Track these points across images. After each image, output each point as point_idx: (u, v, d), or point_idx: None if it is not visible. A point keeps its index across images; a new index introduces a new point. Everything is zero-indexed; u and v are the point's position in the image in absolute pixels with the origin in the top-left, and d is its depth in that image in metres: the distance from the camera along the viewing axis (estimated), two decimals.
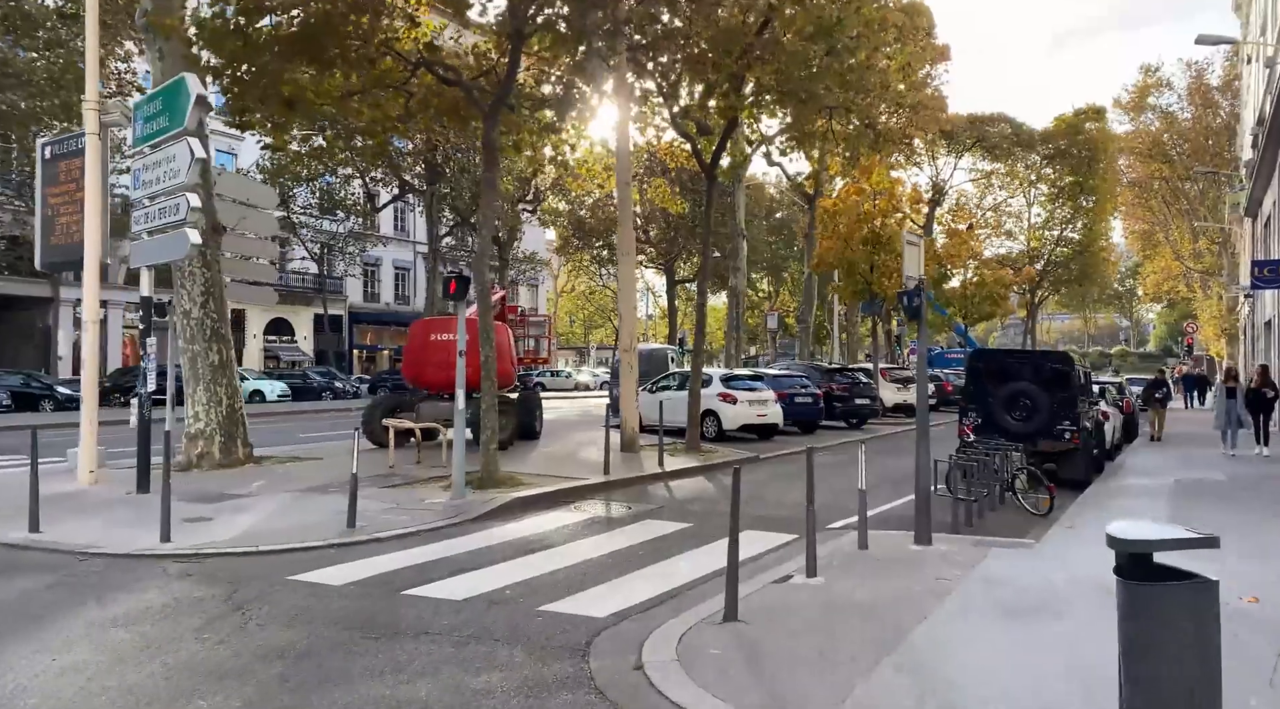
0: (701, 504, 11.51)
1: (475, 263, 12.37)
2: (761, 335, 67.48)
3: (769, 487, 13.32)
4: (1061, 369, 13.95)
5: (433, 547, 8.53)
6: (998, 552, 8.38)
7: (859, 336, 42.91)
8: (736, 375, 20.46)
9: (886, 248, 26.35)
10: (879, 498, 11.85)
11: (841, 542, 8.91)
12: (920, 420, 8.90)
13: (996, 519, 10.92)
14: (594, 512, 10.68)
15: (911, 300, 8.59)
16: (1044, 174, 46.04)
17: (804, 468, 7.89)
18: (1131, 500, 11.59)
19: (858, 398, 24.07)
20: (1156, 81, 59.16)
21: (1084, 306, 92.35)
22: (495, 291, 21.00)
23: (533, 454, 15.71)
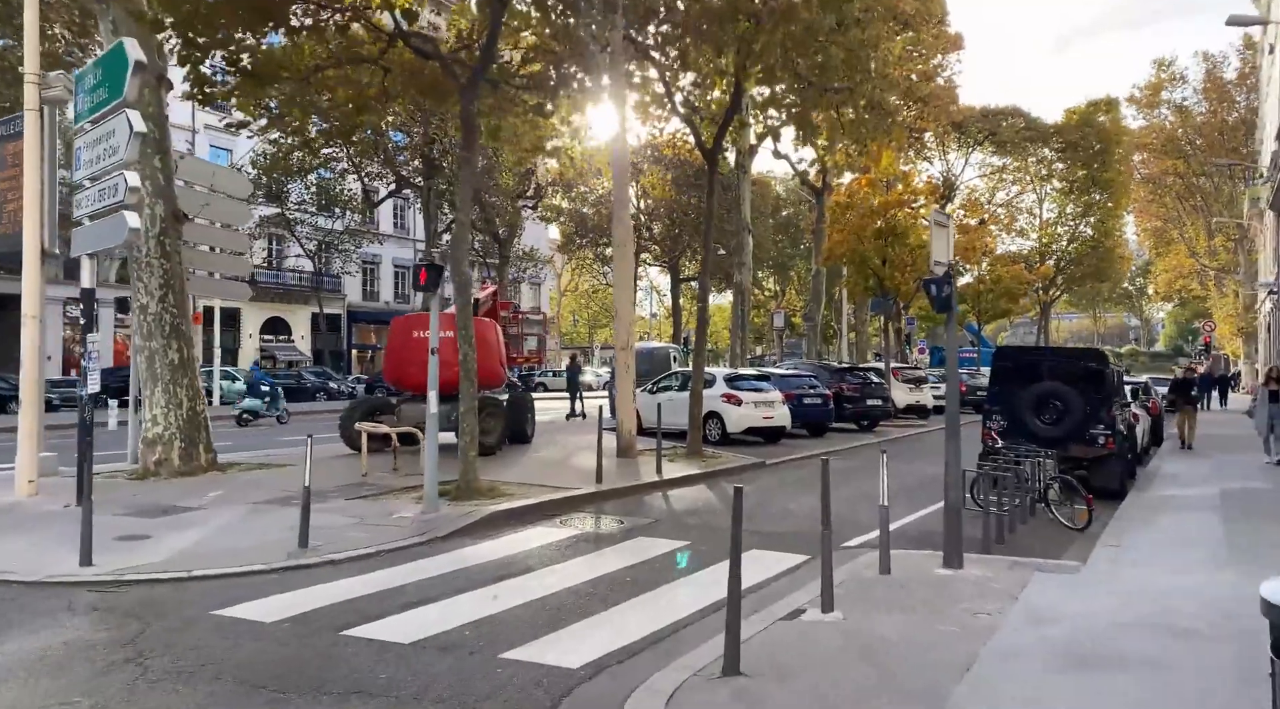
0: (701, 517, 10.43)
1: (452, 252, 11.31)
2: (768, 335, 66.39)
3: (776, 496, 12.24)
4: (1095, 368, 12.83)
5: (392, 571, 7.47)
6: (1040, 578, 7.28)
7: (868, 335, 41.75)
8: (741, 375, 19.37)
9: (900, 241, 25.23)
10: (897, 510, 10.75)
11: (860, 564, 7.83)
12: (950, 426, 7.81)
13: (1029, 534, 9.84)
14: (581, 527, 9.60)
15: (941, 289, 7.50)
16: (1055, 169, 44.80)
17: (815, 474, 6.91)
18: (1178, 515, 10.47)
19: (869, 399, 22.96)
20: (1171, 75, 57.95)
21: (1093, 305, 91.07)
22: (486, 287, 19.95)
23: (522, 460, 14.64)
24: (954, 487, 7.78)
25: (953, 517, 7.67)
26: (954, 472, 7.82)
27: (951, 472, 7.80)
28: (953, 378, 7.91)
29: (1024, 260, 41.83)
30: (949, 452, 7.80)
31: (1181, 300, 79.76)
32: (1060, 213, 44.67)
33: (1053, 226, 44.74)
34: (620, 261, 14.94)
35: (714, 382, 18.70)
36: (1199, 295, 68.24)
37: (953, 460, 7.80)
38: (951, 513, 7.68)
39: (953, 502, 7.72)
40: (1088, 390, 12.65)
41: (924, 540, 9.38)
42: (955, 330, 7.81)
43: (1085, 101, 40.79)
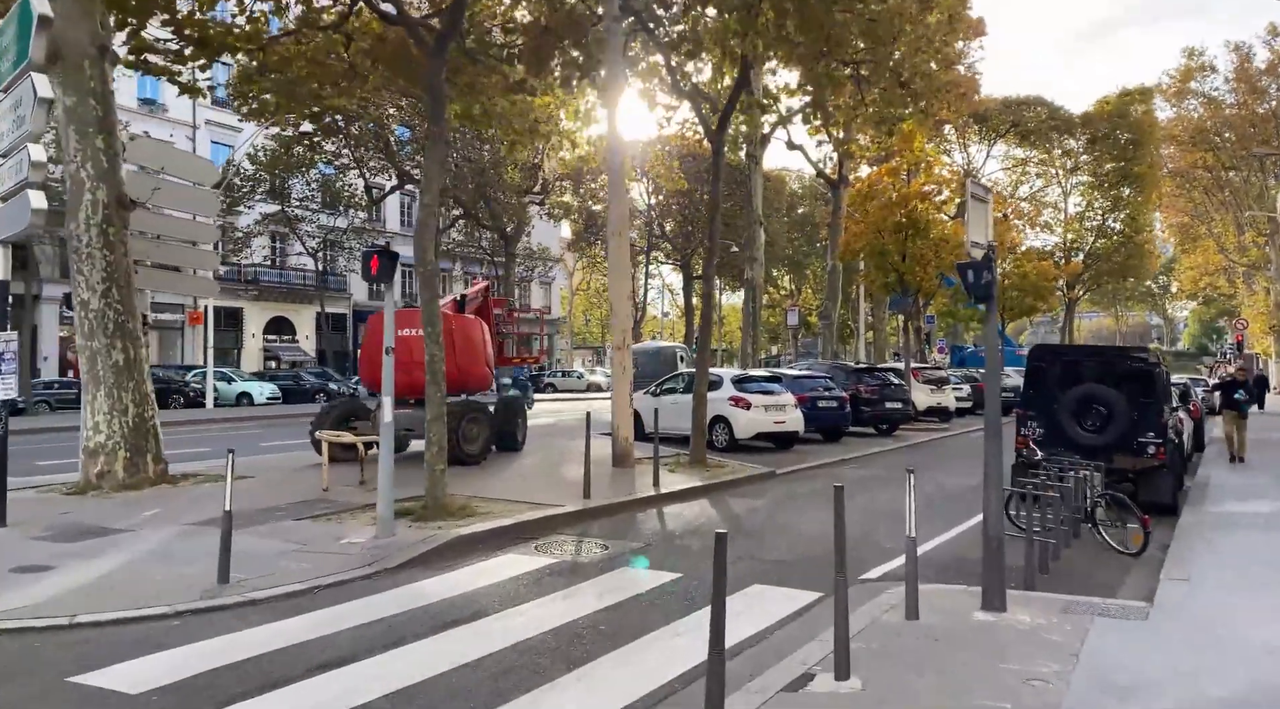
0: (699, 541, 9.14)
1: (416, 239, 10.09)
2: (783, 334, 64.96)
3: (786, 513, 10.94)
4: (1144, 368, 11.47)
5: (320, 615, 6.25)
6: (1103, 626, 5.97)
7: (886, 334, 40.28)
8: (751, 377, 18.05)
9: (922, 234, 23.85)
10: (922, 531, 9.46)
11: (882, 605, 6.53)
12: (991, 439, 6.49)
13: (1076, 561, 8.53)
14: (559, 554, 8.35)
15: (980, 275, 6.20)
16: (1082, 162, 43.16)
17: (829, 486, 5.66)
18: (1246, 538, 9.10)
19: (888, 401, 21.59)
20: (1200, 65, 56.13)
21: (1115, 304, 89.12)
22: (477, 282, 18.72)
23: (507, 470, 13.41)
24: (994, 513, 6.47)
25: (993, 549, 6.37)
26: (994, 494, 6.52)
27: (992, 494, 6.50)
28: (994, 379, 6.59)
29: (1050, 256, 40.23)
30: (989, 469, 6.50)
31: (1206, 299, 77.71)
32: (1088, 207, 42.98)
33: (1079, 221, 43.06)
34: (615, 250, 13.68)
35: (721, 383, 17.42)
36: (1226, 293, 66.32)
37: (993, 480, 6.50)
38: (992, 545, 6.37)
39: (994, 531, 6.42)
40: (1135, 394, 11.30)
41: (955, 569, 8.10)
42: (995, 322, 6.51)
43: (1119, 90, 39.06)
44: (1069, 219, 43.76)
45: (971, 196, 6.47)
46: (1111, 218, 41.35)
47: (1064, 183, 45.04)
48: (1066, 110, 40.89)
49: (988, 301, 6.29)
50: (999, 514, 6.49)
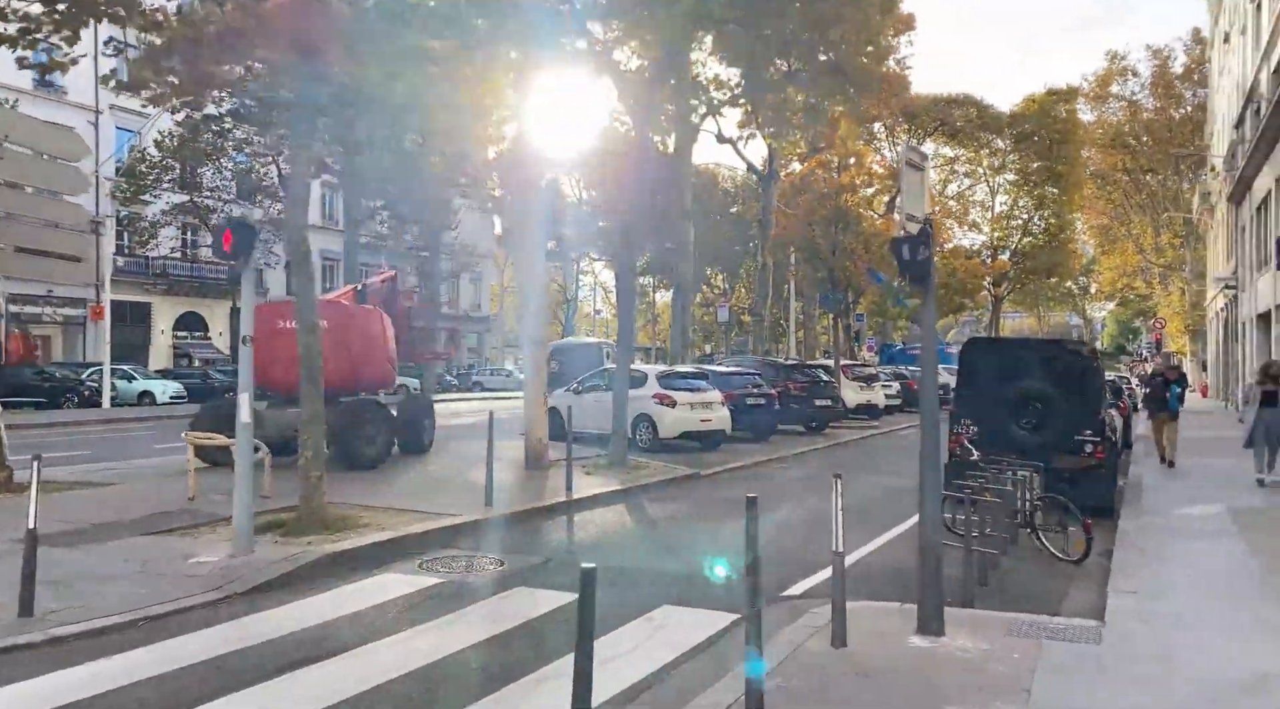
0: (609, 553, 8.24)
1: (288, 217, 8.97)
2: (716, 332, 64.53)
3: (706, 519, 10.11)
4: (1081, 362, 10.95)
5: (136, 656, 5.17)
6: (1053, 652, 5.25)
7: (816, 332, 40.00)
8: (676, 373, 17.23)
9: (851, 228, 23.38)
10: (850, 537, 8.72)
11: (805, 629, 5.72)
12: (927, 446, 5.72)
13: (1016, 570, 7.89)
14: (446, 572, 7.35)
15: (916, 252, 5.42)
16: (1009, 161, 43.58)
17: (758, 488, 4.86)
18: (1192, 544, 8.57)
19: (818, 398, 21.01)
20: (1121, 69, 57.45)
21: (1037, 304, 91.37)
22: (383, 272, 17.53)
23: (407, 475, 12.31)
24: (931, 524, 5.70)
25: (930, 566, 5.60)
26: (931, 503, 5.75)
27: (928, 503, 5.73)
28: (929, 373, 5.82)
29: (978, 254, 40.45)
30: (925, 473, 5.73)
31: (1123, 300, 79.93)
32: (1013, 205, 43.40)
33: (1006, 220, 43.45)
34: (525, 239, 12.68)
35: (645, 380, 16.56)
36: (1142, 294, 68.14)
37: (929, 486, 5.73)
38: (929, 560, 5.60)
39: (930, 544, 5.65)
40: (1073, 389, 10.78)
41: (887, 580, 7.36)
42: (933, 307, 5.73)
43: (1045, 90, 39.43)
44: (995, 218, 44.13)
45: (907, 164, 5.69)
46: (1037, 216, 41.77)
47: (991, 182, 45.43)
48: (995, 109, 41.13)
49: (924, 281, 5.51)
50: (936, 525, 5.73)
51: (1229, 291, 32.88)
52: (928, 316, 5.74)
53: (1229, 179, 33.07)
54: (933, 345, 5.80)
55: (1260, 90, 24.97)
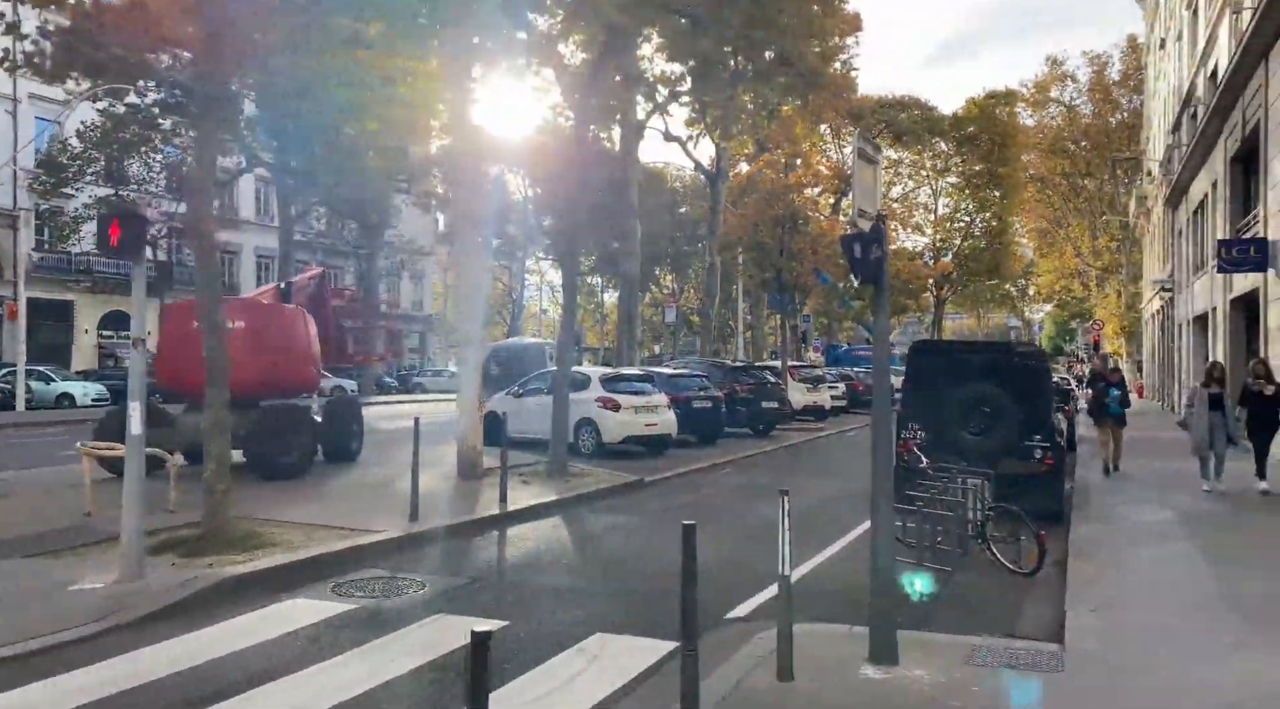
0: (540, 574, 7.69)
1: (189, 207, 8.26)
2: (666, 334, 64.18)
3: (650, 531, 9.61)
4: (1032, 365, 10.72)
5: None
6: (1016, 685, 4.85)
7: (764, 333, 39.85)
8: (621, 376, 16.72)
9: (800, 229, 23.13)
10: (800, 549, 8.31)
11: (749, 659, 5.27)
12: (879, 455, 5.30)
13: (968, 584, 7.53)
14: (361, 596, 6.74)
15: (868, 251, 5.00)
16: (952, 164, 43.99)
17: (704, 495, 4.67)
18: (1146, 551, 8.32)
19: (765, 400, 20.68)
20: (1060, 74, 58.53)
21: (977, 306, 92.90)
22: (310, 269, 16.74)
23: (330, 485, 11.60)
24: (884, 545, 5.28)
25: (883, 590, 5.18)
26: (884, 521, 5.33)
27: (881, 521, 5.30)
28: (881, 376, 5.40)
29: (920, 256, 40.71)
30: (878, 487, 5.31)
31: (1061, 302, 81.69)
32: (955, 208, 43.82)
33: (948, 222, 43.84)
34: (464, 235, 12.06)
35: (588, 383, 16.03)
36: (1079, 296, 69.60)
37: (882, 503, 5.31)
38: (882, 584, 5.18)
39: (884, 565, 5.22)
40: (1023, 393, 10.53)
41: (836, 598, 6.95)
42: (887, 309, 5.31)
43: (985, 92, 39.84)
44: (938, 220, 44.50)
45: (859, 156, 5.26)
46: (979, 219, 42.20)
47: (934, 184, 45.82)
48: (939, 111, 41.44)
49: (876, 281, 5.09)
50: (889, 546, 5.31)
51: (1165, 294, 33.48)
52: (880, 319, 5.32)
53: (1165, 183, 33.70)
54: (885, 349, 5.38)
55: (1197, 95, 25.35)
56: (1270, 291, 15.72)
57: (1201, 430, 11.35)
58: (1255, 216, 17.43)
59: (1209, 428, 11.29)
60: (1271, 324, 15.65)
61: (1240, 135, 18.23)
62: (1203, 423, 11.32)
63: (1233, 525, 9.43)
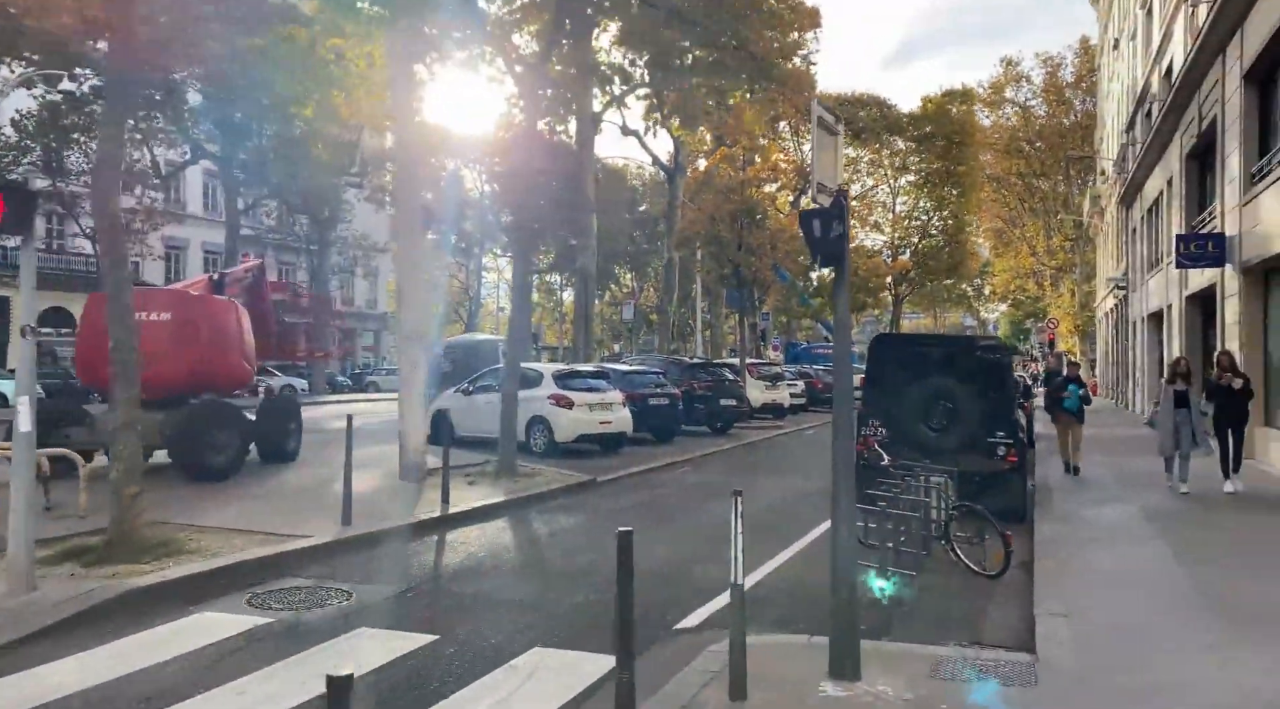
0: (478, 582, 7.17)
1: (94, 188, 7.60)
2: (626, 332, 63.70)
3: (600, 533, 9.11)
4: (995, 359, 10.41)
5: None
6: (987, 702, 4.46)
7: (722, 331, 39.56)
8: (575, 372, 16.20)
9: (758, 223, 22.80)
10: (755, 552, 7.89)
11: (699, 674, 4.82)
12: (840, 455, 4.88)
13: (932, 587, 7.16)
14: (279, 607, 6.18)
15: (828, 228, 4.57)
16: (910, 162, 44.08)
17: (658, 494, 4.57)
18: (1112, 551, 8.03)
19: (723, 398, 20.30)
20: (1016, 75, 59.13)
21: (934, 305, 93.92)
22: (247, 259, 16.00)
23: (260, 488, 10.94)
24: (845, 553, 4.85)
25: (844, 601, 4.76)
26: (845, 528, 4.90)
27: (842, 528, 4.88)
28: (843, 367, 4.97)
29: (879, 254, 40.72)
30: (839, 491, 4.89)
31: (1015, 301, 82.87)
32: (913, 207, 43.93)
33: (906, 220, 43.93)
34: (405, 222, 11.46)
35: (540, 380, 15.50)
36: (1033, 295, 70.52)
37: (844, 513, 4.88)
38: (843, 595, 4.76)
39: (844, 575, 4.80)
40: (986, 388, 10.23)
41: (794, 605, 6.54)
42: (848, 293, 4.89)
43: (942, 91, 39.95)
44: (896, 218, 44.59)
45: (819, 125, 4.84)
46: (936, 218, 42.33)
47: (892, 184, 45.92)
48: (898, 109, 41.46)
49: (837, 262, 4.66)
50: (850, 554, 4.88)
51: (1120, 291, 33.78)
52: (841, 304, 4.90)
53: (1119, 182, 34.02)
54: (847, 337, 4.96)
55: (1152, 93, 25.50)
56: (1227, 287, 15.68)
57: (1167, 429, 10.94)
58: (1212, 212, 17.43)
59: (1174, 426, 10.84)
60: (1229, 319, 15.61)
61: (1196, 131, 18.24)
62: (1168, 421, 10.90)
63: (1201, 523, 9.19)
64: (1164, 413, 10.99)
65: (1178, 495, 10.78)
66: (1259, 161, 14.42)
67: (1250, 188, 14.54)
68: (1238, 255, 14.90)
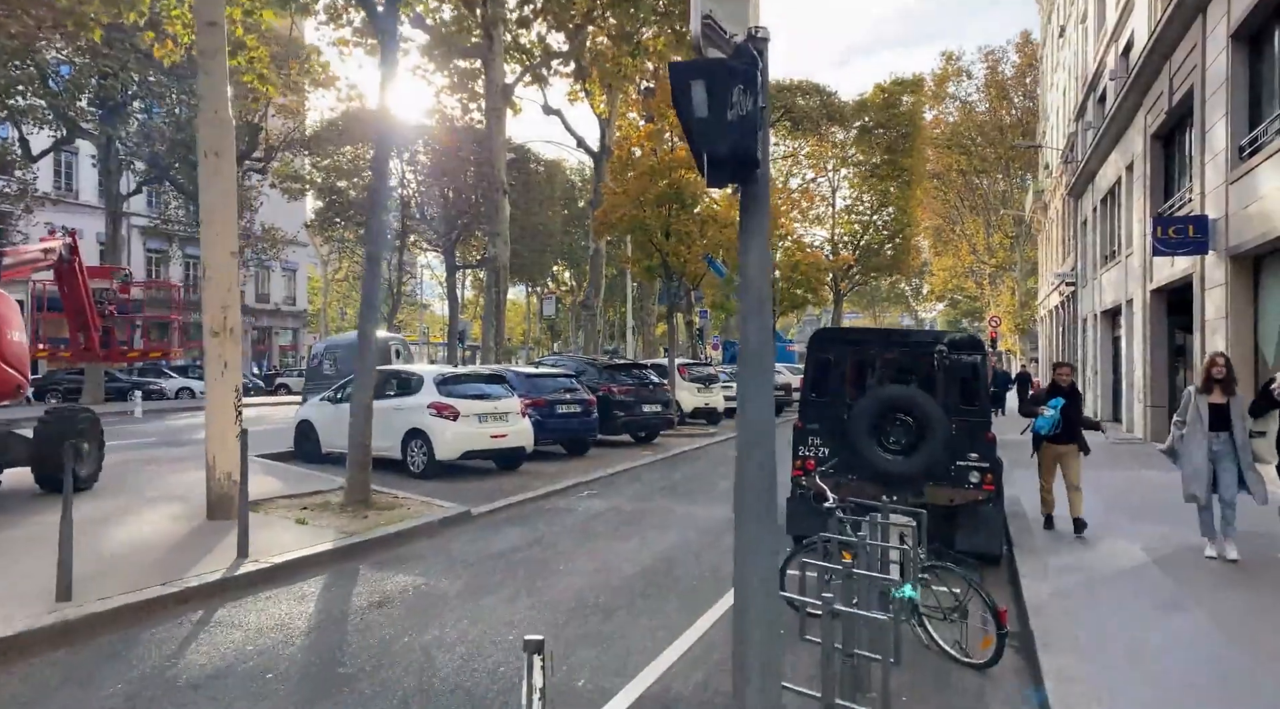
0: (243, 689, 4.67)
1: None
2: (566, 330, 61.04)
3: (442, 606, 6.67)
4: (967, 360, 8.23)
5: None
6: None
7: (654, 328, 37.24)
8: (463, 376, 13.63)
9: (687, 208, 20.55)
10: (653, 623, 5.54)
11: None
12: (743, 524, 2.53)
13: (896, 682, 4.89)
14: None
15: (724, 99, 2.21)
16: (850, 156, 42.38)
17: (541, 537, 1.95)
18: (1136, 617, 5.86)
19: (645, 404, 17.95)
20: (957, 70, 58.13)
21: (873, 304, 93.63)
22: (49, 238, 13.13)
23: (19, 531, 8.23)
24: (759, 648, 2.50)
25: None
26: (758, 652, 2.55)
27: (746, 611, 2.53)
28: (759, 342, 2.63)
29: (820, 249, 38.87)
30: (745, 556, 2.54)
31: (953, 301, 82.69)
32: (856, 200, 42.23)
33: (849, 214, 42.20)
34: (210, 183, 8.84)
35: (420, 385, 12.97)
36: (972, 295, 69.98)
37: (759, 623, 2.53)
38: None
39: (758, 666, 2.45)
40: (954, 398, 8.06)
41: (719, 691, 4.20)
42: (766, 226, 2.59)
43: (892, 78, 38.19)
44: (838, 212, 42.87)
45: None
46: (879, 213, 40.67)
47: (832, 178, 44.23)
48: (839, 98, 39.63)
49: (744, 168, 2.32)
50: (771, 644, 2.54)
51: (1068, 288, 32.38)
52: (756, 237, 2.56)
53: (1066, 173, 32.66)
54: (765, 287, 2.62)
55: (1107, 74, 23.92)
56: (1208, 276, 13.86)
57: (1198, 462, 7.56)
58: (1187, 194, 15.66)
59: (1209, 458, 7.52)
60: (1210, 314, 13.79)
61: (1166, 106, 16.46)
62: (1199, 451, 7.55)
63: (1232, 577, 7.11)
64: (1192, 438, 7.65)
65: (1178, 521, 8.62)
66: (1250, 133, 12.59)
67: (1240, 163, 12.69)
68: (1224, 240, 13.06)
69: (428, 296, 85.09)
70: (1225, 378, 7.66)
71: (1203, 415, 7.64)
